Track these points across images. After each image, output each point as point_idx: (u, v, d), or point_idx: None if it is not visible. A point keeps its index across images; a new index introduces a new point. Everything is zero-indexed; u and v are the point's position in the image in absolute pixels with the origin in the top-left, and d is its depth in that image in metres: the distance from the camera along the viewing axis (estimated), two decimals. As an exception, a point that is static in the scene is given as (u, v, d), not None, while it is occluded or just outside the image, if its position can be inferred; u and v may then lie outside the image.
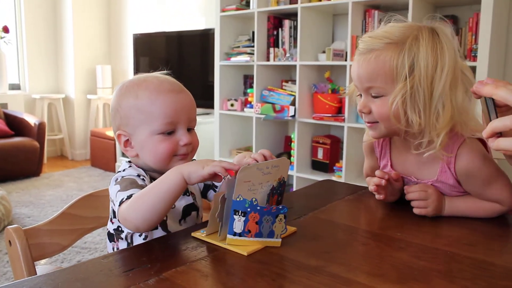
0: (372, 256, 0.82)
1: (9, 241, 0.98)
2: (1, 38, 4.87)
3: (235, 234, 0.83)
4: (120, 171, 0.97)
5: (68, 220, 1.09)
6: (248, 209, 0.82)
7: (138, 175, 0.94)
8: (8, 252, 1.01)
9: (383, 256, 0.82)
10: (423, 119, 0.95)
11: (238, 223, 0.83)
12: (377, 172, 1.08)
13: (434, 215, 1.03)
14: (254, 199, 0.83)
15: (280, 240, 0.86)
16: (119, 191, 0.89)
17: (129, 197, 0.86)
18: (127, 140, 0.98)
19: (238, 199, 0.81)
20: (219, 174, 0.83)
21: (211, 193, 1.10)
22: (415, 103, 0.95)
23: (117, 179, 0.93)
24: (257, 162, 0.90)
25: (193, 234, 0.88)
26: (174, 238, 0.89)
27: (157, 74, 1.02)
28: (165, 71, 1.03)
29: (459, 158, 1.00)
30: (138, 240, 0.96)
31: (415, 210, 1.04)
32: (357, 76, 1.00)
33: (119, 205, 0.86)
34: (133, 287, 0.68)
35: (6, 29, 4.87)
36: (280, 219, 0.85)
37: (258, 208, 0.82)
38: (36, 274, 0.98)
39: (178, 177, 0.83)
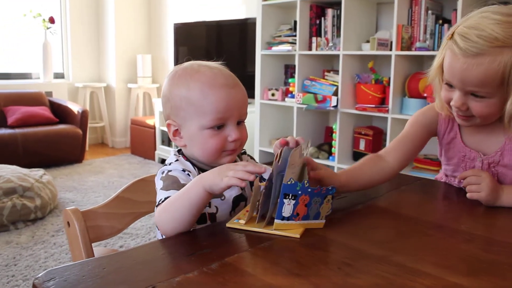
0: (438, 247, 0.79)
1: (68, 222, 1.00)
2: (47, 28, 4.99)
3: (283, 218, 0.82)
4: (166, 165, 0.96)
5: (122, 204, 1.10)
6: (299, 192, 0.81)
7: (184, 170, 0.93)
8: (66, 233, 1.03)
9: (449, 247, 0.79)
10: None
11: (288, 207, 0.81)
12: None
13: (489, 203, 1.00)
14: (306, 181, 0.81)
15: (324, 221, 0.86)
16: (161, 188, 0.89)
17: (166, 198, 0.86)
18: (176, 129, 0.97)
19: (289, 183, 0.80)
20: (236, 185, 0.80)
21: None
22: None
23: (163, 172, 0.93)
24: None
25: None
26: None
27: (211, 64, 0.97)
28: (220, 62, 0.99)
29: None
30: None
31: (468, 195, 1.03)
32: (461, 78, 0.97)
33: (157, 206, 0.87)
34: (196, 272, 0.68)
35: (52, 20, 5.00)
36: (328, 200, 0.85)
37: (309, 190, 0.81)
38: (93, 255, 0.99)
39: (200, 190, 0.82)
